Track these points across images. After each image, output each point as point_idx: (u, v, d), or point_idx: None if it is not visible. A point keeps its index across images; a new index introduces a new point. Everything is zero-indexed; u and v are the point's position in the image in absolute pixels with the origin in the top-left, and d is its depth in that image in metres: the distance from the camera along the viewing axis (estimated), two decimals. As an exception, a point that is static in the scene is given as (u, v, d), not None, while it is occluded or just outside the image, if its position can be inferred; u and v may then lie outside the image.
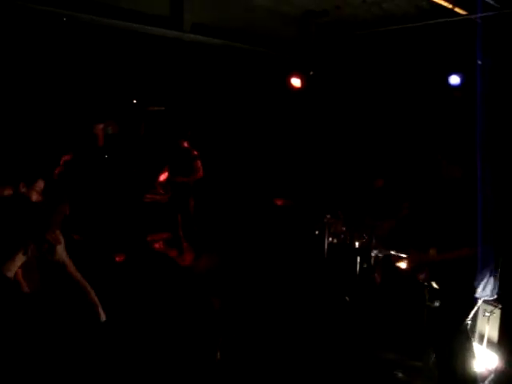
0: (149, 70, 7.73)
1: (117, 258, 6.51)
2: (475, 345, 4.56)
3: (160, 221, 8.14)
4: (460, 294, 3.97)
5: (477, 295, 3.96)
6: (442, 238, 4.02)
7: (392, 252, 5.70)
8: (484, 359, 4.63)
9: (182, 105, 9.00)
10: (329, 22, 7.18)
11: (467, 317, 4.07)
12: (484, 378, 4.41)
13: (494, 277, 3.99)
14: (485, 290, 3.96)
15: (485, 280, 3.94)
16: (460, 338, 4.08)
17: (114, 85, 8.17)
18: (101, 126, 8.85)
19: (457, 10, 5.84)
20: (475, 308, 4.13)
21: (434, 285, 4.18)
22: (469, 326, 4.23)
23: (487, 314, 4.72)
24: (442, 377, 4.10)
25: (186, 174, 7.36)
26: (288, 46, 7.69)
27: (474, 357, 4.18)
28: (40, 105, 7.63)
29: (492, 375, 4.39)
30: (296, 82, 7.72)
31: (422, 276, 4.22)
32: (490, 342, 4.72)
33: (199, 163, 7.42)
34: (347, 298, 6.39)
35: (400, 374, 4.73)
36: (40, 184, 4.60)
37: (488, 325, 4.74)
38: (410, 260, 4.56)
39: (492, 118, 7.03)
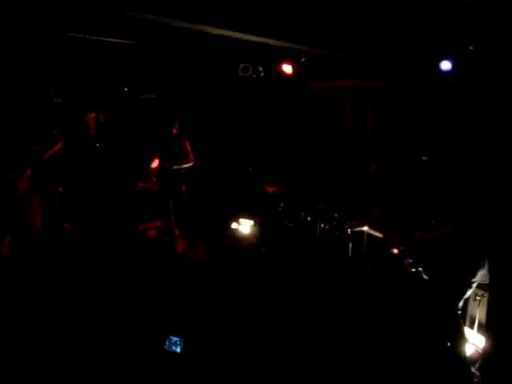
0: (139, 57, 7.66)
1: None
2: (467, 328, 4.60)
3: (152, 209, 8.14)
4: (451, 280, 3.99)
5: (475, 279, 3.99)
6: (428, 220, 4.05)
7: (365, 228, 5.75)
8: (475, 342, 4.67)
9: (172, 91, 8.96)
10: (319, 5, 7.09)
11: (459, 302, 4.10)
12: (475, 361, 4.45)
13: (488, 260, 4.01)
14: (482, 274, 3.99)
15: (482, 264, 3.96)
16: (452, 322, 4.11)
17: (105, 73, 8.12)
18: (92, 114, 8.81)
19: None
20: (468, 292, 4.16)
21: (423, 275, 4.21)
22: (460, 311, 4.26)
23: (478, 298, 4.74)
24: (436, 361, 4.13)
25: (176, 160, 7.30)
26: (279, 32, 7.62)
27: (465, 340, 4.22)
28: (30, 94, 7.58)
29: (482, 357, 4.42)
30: (287, 68, 7.67)
31: (407, 262, 4.25)
32: (480, 325, 4.76)
33: (189, 150, 7.37)
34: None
35: (394, 360, 4.76)
36: (28, 172, 4.63)
37: (479, 308, 4.77)
38: (396, 244, 4.60)
39: (483, 104, 7.03)
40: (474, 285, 4.10)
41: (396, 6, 5.75)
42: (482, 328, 4.72)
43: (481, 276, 4.02)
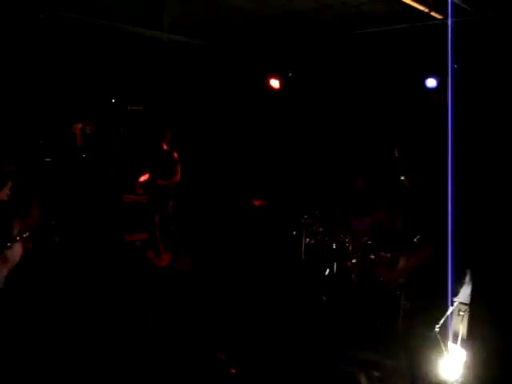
0: (128, 69, 7.68)
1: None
2: (450, 343, 4.62)
3: (138, 221, 8.09)
4: (432, 296, 4.00)
5: (456, 299, 4.01)
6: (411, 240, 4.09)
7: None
8: (457, 358, 4.69)
9: (160, 104, 8.97)
10: (307, 24, 7.20)
11: (439, 318, 4.12)
12: (456, 376, 4.46)
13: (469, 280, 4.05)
14: (463, 293, 4.02)
15: (463, 284, 4.00)
16: (431, 339, 4.13)
17: (92, 83, 8.11)
18: (79, 125, 8.78)
19: (433, 14, 5.90)
20: (450, 310, 4.19)
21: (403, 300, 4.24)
22: (438, 328, 4.29)
23: (461, 314, 4.78)
24: (414, 377, 4.14)
25: (166, 177, 7.35)
26: (267, 47, 7.71)
27: (443, 359, 4.23)
28: (16, 103, 7.54)
29: (463, 373, 4.45)
30: (274, 82, 7.74)
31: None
32: (463, 341, 4.78)
33: (179, 166, 7.43)
34: (324, 298, 6.42)
35: (376, 374, 4.77)
36: (9, 184, 4.62)
37: (462, 324, 4.80)
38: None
39: (464, 124, 7.12)
40: (456, 303, 4.14)
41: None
42: (465, 343, 4.75)
43: (463, 295, 4.04)
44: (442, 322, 4.18)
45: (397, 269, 4.23)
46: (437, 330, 4.17)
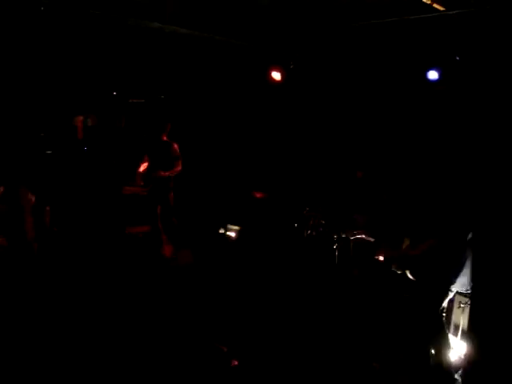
0: (129, 61, 7.67)
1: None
2: (450, 336, 4.65)
3: (139, 213, 8.11)
4: (432, 283, 4.05)
5: (453, 288, 4.05)
6: (414, 229, 4.12)
7: (361, 236, 5.79)
8: (458, 349, 4.71)
9: (161, 97, 8.97)
10: (309, 15, 7.17)
11: (440, 306, 4.15)
12: (458, 368, 4.49)
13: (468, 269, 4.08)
14: (461, 282, 4.05)
15: (461, 273, 4.03)
16: (434, 328, 4.16)
17: (93, 76, 8.10)
18: (80, 117, 8.78)
19: (435, 6, 5.87)
20: (448, 298, 4.22)
21: (408, 275, 4.26)
22: (444, 317, 4.31)
23: (462, 306, 4.80)
24: (418, 366, 4.17)
25: (167, 169, 7.36)
26: (268, 39, 7.69)
27: (448, 347, 4.26)
28: (17, 96, 7.54)
29: (464, 364, 4.47)
30: (276, 74, 7.72)
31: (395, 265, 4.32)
32: (464, 332, 4.80)
33: (180, 158, 7.44)
34: (325, 289, 6.44)
35: (377, 365, 4.79)
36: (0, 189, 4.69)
37: (462, 315, 4.82)
38: (382, 255, 4.68)
39: (467, 113, 7.12)
40: (453, 290, 4.17)
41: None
42: (466, 335, 4.77)
43: (460, 284, 4.08)
44: (445, 306, 4.21)
45: (401, 249, 4.26)
46: (443, 314, 4.22)
